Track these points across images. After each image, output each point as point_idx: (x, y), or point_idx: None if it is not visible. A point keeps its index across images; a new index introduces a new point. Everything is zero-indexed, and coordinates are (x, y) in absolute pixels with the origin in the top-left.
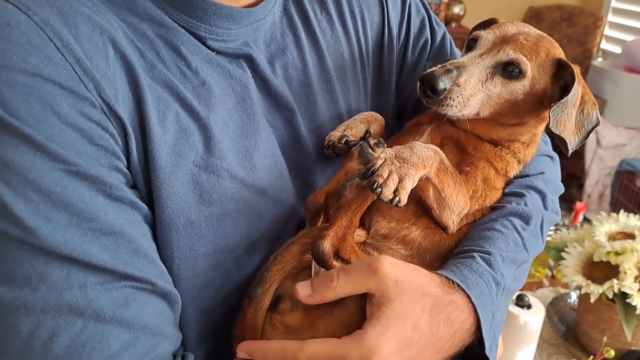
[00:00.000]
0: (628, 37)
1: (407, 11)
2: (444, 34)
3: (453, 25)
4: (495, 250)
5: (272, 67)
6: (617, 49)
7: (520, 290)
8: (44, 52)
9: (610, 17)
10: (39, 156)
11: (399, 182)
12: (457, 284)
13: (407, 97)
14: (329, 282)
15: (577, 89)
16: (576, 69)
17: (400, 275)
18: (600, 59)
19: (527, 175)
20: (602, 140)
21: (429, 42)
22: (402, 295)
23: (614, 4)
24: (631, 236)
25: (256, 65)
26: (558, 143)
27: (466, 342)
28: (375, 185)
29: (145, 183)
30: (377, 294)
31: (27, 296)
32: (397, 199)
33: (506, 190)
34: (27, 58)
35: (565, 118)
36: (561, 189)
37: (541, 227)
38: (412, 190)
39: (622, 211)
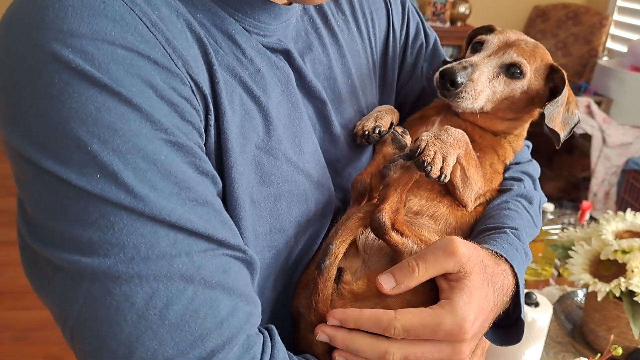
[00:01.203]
0: (634, 36)
1: (406, 16)
2: (436, 38)
3: (458, 24)
4: (519, 226)
5: (303, 61)
6: (623, 48)
7: (527, 288)
8: (136, 30)
9: (616, 16)
10: (144, 124)
11: (443, 161)
12: (503, 256)
13: (406, 95)
14: (411, 272)
15: (566, 91)
16: (564, 73)
17: (469, 252)
18: (605, 58)
19: (519, 163)
20: (608, 139)
21: (424, 45)
22: (474, 269)
23: (619, 2)
24: (638, 234)
25: (293, 58)
26: (551, 136)
27: (506, 306)
28: (424, 164)
29: (217, 161)
30: (454, 271)
31: (140, 265)
32: (443, 175)
33: (506, 175)
34: (124, 34)
35: (556, 115)
36: (539, 171)
37: (539, 206)
38: None
39: (628, 210)
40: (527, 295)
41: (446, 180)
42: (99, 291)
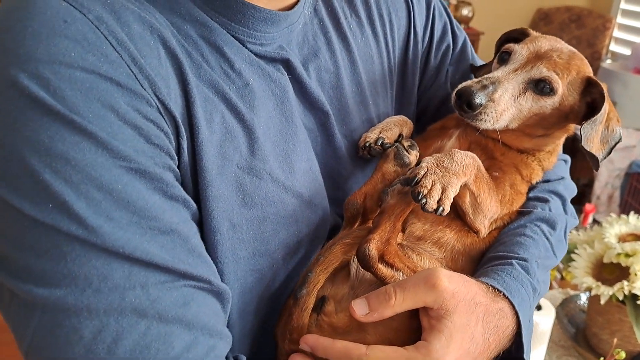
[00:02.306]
0: (637, 39)
1: (431, 16)
2: (465, 39)
3: (461, 27)
4: (530, 256)
5: (306, 70)
6: (626, 51)
7: None
8: (100, 50)
9: (620, 19)
10: (100, 153)
11: (442, 192)
12: (502, 292)
13: (428, 100)
14: (387, 300)
15: (605, 107)
16: (604, 87)
17: (455, 287)
18: (609, 61)
19: (549, 181)
20: None
21: (451, 47)
22: (458, 307)
23: (623, 5)
24: None
25: (293, 68)
26: (589, 160)
27: (505, 346)
28: (419, 196)
29: (193, 184)
30: (435, 306)
31: (90, 298)
32: (441, 208)
33: (530, 195)
34: (85, 55)
35: (594, 135)
36: (575, 191)
37: (564, 231)
38: None
39: (632, 213)
40: None
41: (444, 214)
42: (49, 322)
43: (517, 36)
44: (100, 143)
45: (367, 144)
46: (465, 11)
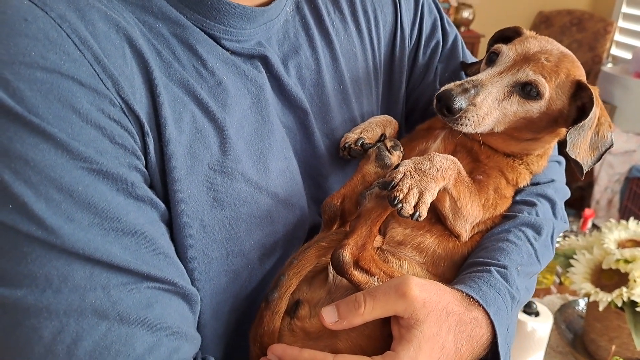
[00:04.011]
0: (638, 43)
1: (419, 12)
2: (456, 35)
3: (462, 29)
4: (511, 263)
5: (285, 67)
6: (627, 55)
7: None
8: (62, 48)
9: (621, 23)
10: (60, 154)
11: (419, 197)
12: (477, 300)
13: (417, 99)
14: (357, 308)
15: (595, 112)
16: (595, 91)
17: (426, 296)
18: (610, 65)
19: (538, 183)
20: None
21: (441, 44)
22: (429, 316)
23: (624, 9)
24: None
25: (271, 65)
26: (573, 166)
27: (480, 355)
28: (395, 201)
29: (162, 184)
30: (405, 315)
31: (50, 299)
32: (417, 213)
33: (517, 198)
34: (46, 54)
35: (581, 140)
36: (568, 194)
37: (551, 237)
38: None
39: (631, 218)
40: (528, 304)
41: (420, 219)
42: (9, 322)
43: (510, 35)
44: (60, 144)
45: (346, 145)
46: (465, 14)
